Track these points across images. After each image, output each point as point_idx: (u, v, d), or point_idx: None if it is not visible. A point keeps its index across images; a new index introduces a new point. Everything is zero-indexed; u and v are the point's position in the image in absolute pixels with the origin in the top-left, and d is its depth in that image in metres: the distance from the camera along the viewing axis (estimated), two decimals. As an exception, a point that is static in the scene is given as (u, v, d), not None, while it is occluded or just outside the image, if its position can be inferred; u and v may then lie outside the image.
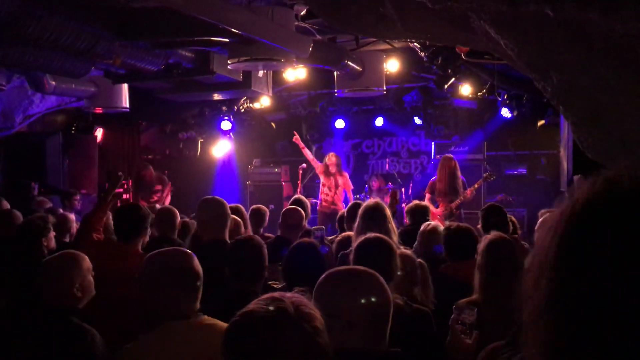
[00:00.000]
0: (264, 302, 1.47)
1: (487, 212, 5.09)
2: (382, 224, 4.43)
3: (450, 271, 4.06)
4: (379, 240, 3.20)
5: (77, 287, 2.87)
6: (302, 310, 1.45)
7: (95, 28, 5.22)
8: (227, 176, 12.45)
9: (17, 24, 4.48)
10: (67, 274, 2.86)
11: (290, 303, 1.45)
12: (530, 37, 2.31)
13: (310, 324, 1.43)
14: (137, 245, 3.91)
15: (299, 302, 1.47)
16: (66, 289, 2.84)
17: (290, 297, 1.50)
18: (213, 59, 6.55)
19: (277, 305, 1.44)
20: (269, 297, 1.49)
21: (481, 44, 3.06)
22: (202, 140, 12.56)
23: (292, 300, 1.47)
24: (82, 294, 2.90)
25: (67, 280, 2.85)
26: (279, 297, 1.49)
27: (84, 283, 2.92)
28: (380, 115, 11.50)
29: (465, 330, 2.39)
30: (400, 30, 3.43)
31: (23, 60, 5.59)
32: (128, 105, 8.30)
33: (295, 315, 1.43)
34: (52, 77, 7.06)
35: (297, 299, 1.49)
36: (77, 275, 2.89)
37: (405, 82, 10.34)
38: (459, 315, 2.42)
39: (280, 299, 1.47)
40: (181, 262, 2.49)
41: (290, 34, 5.65)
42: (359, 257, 3.11)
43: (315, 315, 1.47)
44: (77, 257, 2.97)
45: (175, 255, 2.57)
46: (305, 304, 1.49)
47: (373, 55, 8.06)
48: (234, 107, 11.51)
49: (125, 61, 5.79)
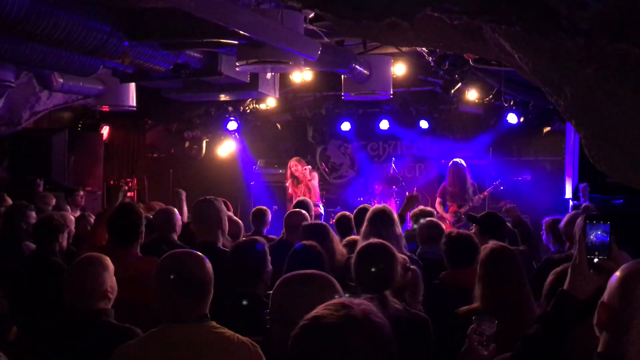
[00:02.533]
0: (334, 307, 1.45)
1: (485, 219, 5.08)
2: (389, 228, 4.45)
3: (450, 278, 4.06)
4: (381, 246, 3.21)
5: (109, 288, 2.90)
6: (371, 317, 1.44)
7: (105, 27, 5.22)
8: (231, 176, 12.44)
9: (27, 23, 4.48)
10: (100, 276, 2.89)
11: (359, 310, 1.44)
12: (545, 53, 2.31)
13: (379, 331, 1.43)
14: (136, 248, 3.90)
15: (368, 310, 1.46)
16: (100, 291, 2.86)
17: (359, 303, 1.48)
18: (221, 61, 6.55)
19: (346, 312, 1.43)
20: (338, 302, 1.48)
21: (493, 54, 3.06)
22: (207, 140, 12.58)
23: (361, 307, 1.46)
24: (112, 294, 2.94)
25: (100, 282, 2.88)
26: (348, 303, 1.47)
27: (113, 284, 2.95)
28: (386, 118, 11.49)
29: (483, 341, 2.38)
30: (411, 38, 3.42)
31: (32, 58, 5.59)
32: (135, 103, 8.30)
33: (364, 322, 1.42)
34: (60, 74, 7.07)
35: (366, 306, 1.47)
36: (108, 277, 2.93)
37: (412, 86, 10.34)
38: (478, 326, 2.40)
39: (349, 305, 1.45)
40: (183, 266, 2.48)
41: (299, 37, 5.65)
42: (359, 262, 3.12)
43: (384, 322, 1.47)
44: (104, 259, 3.00)
45: (180, 259, 2.54)
46: (374, 311, 1.48)
47: (380, 59, 8.05)
48: (239, 107, 11.52)
49: (134, 61, 5.79)
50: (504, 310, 3.03)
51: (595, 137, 2.61)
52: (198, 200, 4.36)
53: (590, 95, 2.36)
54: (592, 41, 1.99)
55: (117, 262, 3.64)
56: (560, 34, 1.98)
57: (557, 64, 2.32)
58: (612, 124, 2.42)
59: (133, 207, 4.10)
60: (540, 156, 11.31)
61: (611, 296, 1.62)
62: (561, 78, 2.41)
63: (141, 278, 3.37)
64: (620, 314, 1.59)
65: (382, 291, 2.93)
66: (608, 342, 1.61)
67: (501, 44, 2.53)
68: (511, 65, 3.33)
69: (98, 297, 2.86)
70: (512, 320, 2.92)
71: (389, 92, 8.18)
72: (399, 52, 8.49)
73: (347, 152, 12.83)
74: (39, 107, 8.36)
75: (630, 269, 1.64)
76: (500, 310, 3.03)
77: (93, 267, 2.92)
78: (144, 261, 3.74)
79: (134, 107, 8.35)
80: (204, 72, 6.67)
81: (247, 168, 12.44)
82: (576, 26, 1.86)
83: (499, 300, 3.14)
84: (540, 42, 2.19)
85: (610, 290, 1.64)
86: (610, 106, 2.35)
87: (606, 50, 2.07)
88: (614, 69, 2.15)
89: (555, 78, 2.44)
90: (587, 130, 2.61)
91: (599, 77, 2.23)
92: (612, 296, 1.62)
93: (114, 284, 2.97)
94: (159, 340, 2.37)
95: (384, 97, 8.48)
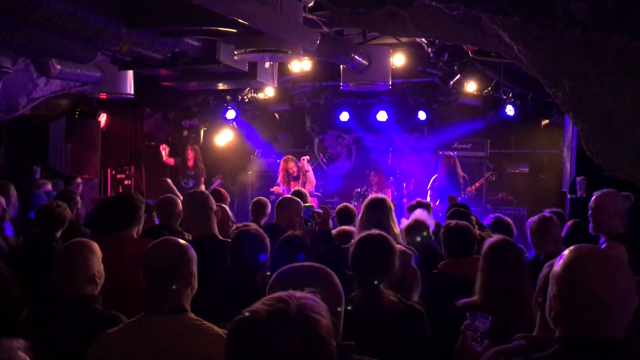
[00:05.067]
0: (269, 302, 1.43)
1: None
2: (385, 217, 4.47)
3: (448, 269, 4.07)
4: (380, 237, 3.20)
5: (96, 273, 2.91)
6: (307, 311, 1.40)
7: (103, 15, 5.18)
8: (229, 165, 12.43)
9: (24, 9, 4.45)
10: (87, 262, 2.89)
11: (295, 304, 1.41)
12: (544, 45, 2.30)
13: (314, 325, 1.39)
14: (130, 232, 3.95)
15: (304, 303, 1.42)
16: (88, 276, 2.87)
17: (299, 297, 1.44)
18: (220, 49, 6.52)
19: (278, 307, 1.40)
20: (276, 297, 1.44)
21: (492, 46, 3.05)
22: (205, 128, 12.55)
23: (298, 301, 1.42)
24: (100, 280, 2.94)
25: (88, 267, 2.88)
26: (285, 296, 1.43)
27: (100, 269, 2.95)
28: (385, 109, 11.47)
29: (477, 337, 2.38)
30: (410, 28, 3.42)
31: (29, 45, 5.56)
32: (132, 91, 8.28)
33: (298, 316, 1.38)
34: (57, 61, 7.03)
35: (304, 300, 1.44)
36: (95, 262, 2.93)
37: (411, 77, 10.32)
38: (472, 322, 2.41)
39: (284, 300, 1.42)
40: (159, 255, 2.47)
41: (298, 27, 5.62)
42: (358, 253, 3.12)
43: (321, 316, 1.42)
44: (90, 244, 3.00)
45: (157, 248, 2.52)
46: (311, 305, 1.43)
47: (379, 50, 8.02)
48: (238, 96, 11.49)
49: (132, 48, 5.76)
50: (502, 304, 3.04)
51: (593, 130, 2.60)
52: (189, 192, 4.37)
53: (588, 88, 2.35)
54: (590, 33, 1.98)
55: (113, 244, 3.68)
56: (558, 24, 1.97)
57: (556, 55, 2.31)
58: (610, 117, 2.42)
59: (131, 195, 4.16)
60: (538, 149, 11.31)
61: (560, 288, 1.79)
62: (559, 70, 2.41)
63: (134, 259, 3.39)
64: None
65: (377, 282, 2.94)
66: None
67: (500, 35, 2.51)
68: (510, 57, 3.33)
69: (85, 281, 2.86)
70: (511, 313, 2.92)
71: (388, 82, 8.16)
72: (398, 42, 8.46)
73: (345, 142, 12.82)
74: (36, 93, 8.32)
75: (575, 256, 1.82)
76: (499, 304, 3.04)
77: (80, 251, 2.92)
78: (138, 243, 3.77)
79: (132, 94, 8.33)
80: (203, 60, 6.64)
81: (245, 157, 12.43)
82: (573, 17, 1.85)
83: (499, 293, 3.15)
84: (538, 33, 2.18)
85: (557, 281, 1.80)
86: (608, 99, 2.35)
87: (604, 42, 2.06)
88: (612, 61, 2.14)
89: (554, 70, 2.43)
90: (584, 123, 2.60)
91: (597, 70, 2.22)
92: (561, 288, 1.79)
93: (102, 269, 2.97)
94: (136, 330, 2.38)
95: (382, 87, 8.46)
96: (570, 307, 1.77)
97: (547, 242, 4.31)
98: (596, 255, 1.81)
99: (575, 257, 1.81)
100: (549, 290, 1.86)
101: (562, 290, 1.78)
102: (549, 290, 1.85)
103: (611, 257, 1.83)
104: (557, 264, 1.83)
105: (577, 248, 1.85)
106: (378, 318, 2.71)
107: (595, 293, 1.72)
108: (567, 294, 1.77)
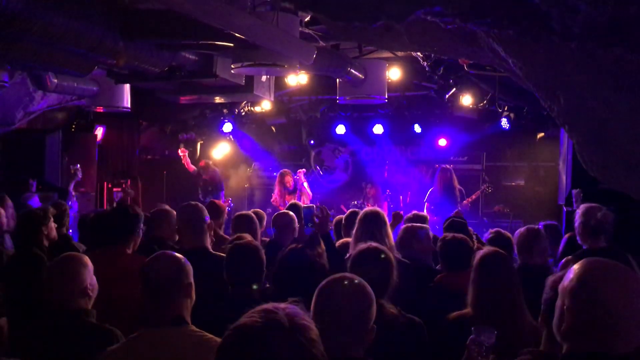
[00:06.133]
0: (257, 315, 1.45)
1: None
2: (380, 231, 4.45)
3: (445, 282, 4.06)
4: (376, 251, 3.19)
5: (89, 286, 2.88)
6: (296, 321, 1.44)
7: (100, 28, 5.20)
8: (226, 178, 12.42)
9: (21, 22, 4.47)
10: (79, 274, 2.86)
11: (284, 314, 1.44)
12: (539, 58, 2.32)
13: (304, 336, 1.42)
14: (125, 247, 3.87)
15: (293, 314, 1.46)
16: (80, 289, 2.84)
17: (284, 308, 1.48)
18: (216, 63, 6.54)
19: (270, 317, 1.43)
20: (262, 309, 1.47)
21: (487, 59, 3.07)
22: (202, 142, 12.56)
23: (286, 312, 1.45)
24: (93, 293, 2.91)
25: (80, 280, 2.85)
26: (272, 308, 1.47)
27: (92, 282, 2.93)
28: (380, 123, 11.51)
29: (482, 352, 2.37)
30: (405, 42, 3.44)
31: (25, 58, 5.57)
32: (129, 105, 8.28)
33: (288, 326, 1.42)
34: (54, 74, 7.04)
35: (291, 310, 1.47)
36: (87, 275, 2.90)
37: (407, 90, 10.36)
38: (478, 337, 2.39)
39: (273, 311, 1.45)
40: (156, 269, 2.48)
41: (295, 41, 5.64)
42: (354, 267, 3.10)
43: (310, 326, 1.46)
44: (81, 257, 2.98)
45: (154, 262, 2.53)
46: (299, 315, 1.47)
47: (375, 63, 8.07)
48: (234, 109, 11.51)
49: (129, 62, 5.78)
50: (494, 316, 3.02)
51: (588, 142, 2.61)
52: (183, 205, 4.32)
53: (584, 101, 2.36)
54: (585, 46, 1.99)
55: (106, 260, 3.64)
56: (553, 38, 1.98)
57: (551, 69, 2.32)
58: (605, 130, 2.43)
59: (127, 207, 4.10)
60: (534, 162, 11.34)
61: (574, 301, 1.75)
62: (555, 83, 2.42)
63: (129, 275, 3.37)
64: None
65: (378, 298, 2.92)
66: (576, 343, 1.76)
67: (495, 49, 2.53)
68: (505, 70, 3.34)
69: (78, 295, 2.83)
70: (504, 326, 2.91)
71: (384, 96, 8.19)
72: (394, 56, 8.51)
73: (342, 155, 12.84)
74: (32, 107, 8.32)
75: (589, 269, 1.77)
76: (491, 315, 3.02)
77: (71, 265, 2.89)
78: (132, 259, 3.73)
79: (129, 108, 8.33)
80: (199, 74, 6.66)
81: (242, 170, 12.43)
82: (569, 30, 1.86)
83: (490, 306, 3.13)
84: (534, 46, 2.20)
85: (571, 295, 1.76)
86: (603, 112, 2.36)
87: (599, 55, 2.07)
88: (608, 74, 2.16)
89: (549, 83, 2.45)
90: (580, 136, 2.61)
91: (592, 83, 2.23)
92: (575, 301, 1.74)
93: (94, 281, 2.94)
94: (138, 344, 2.37)
95: (378, 101, 8.50)
96: (584, 321, 1.73)
97: (533, 254, 4.32)
98: (613, 269, 1.77)
99: (590, 270, 1.77)
100: (558, 303, 1.82)
101: (576, 303, 1.74)
102: (559, 303, 1.81)
103: (627, 270, 1.80)
104: (569, 278, 1.78)
105: (591, 261, 1.80)
106: (378, 330, 2.70)
107: (612, 307, 1.69)
108: (582, 307, 1.73)
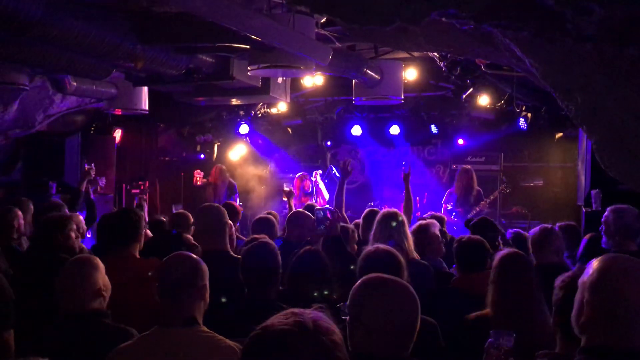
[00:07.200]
0: (283, 317, 1.49)
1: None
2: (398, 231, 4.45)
3: (461, 284, 4.05)
4: (384, 254, 3.19)
5: (102, 287, 2.91)
6: (321, 324, 1.48)
7: (118, 32, 5.27)
8: (242, 180, 12.47)
9: (41, 28, 4.53)
10: (92, 276, 2.89)
11: (309, 318, 1.48)
12: (555, 58, 2.31)
13: (328, 338, 1.46)
14: (132, 250, 3.87)
15: (317, 317, 1.50)
16: (93, 290, 2.87)
17: (309, 312, 1.53)
18: (233, 65, 6.58)
19: (295, 320, 1.47)
20: (289, 312, 1.52)
21: (504, 59, 3.06)
22: (219, 143, 12.62)
23: (311, 316, 1.50)
24: (107, 293, 2.94)
25: (92, 281, 2.88)
26: (298, 312, 1.52)
27: (105, 283, 2.96)
28: (397, 123, 11.47)
29: (501, 355, 2.36)
30: (422, 42, 3.44)
31: (46, 62, 5.65)
32: (147, 107, 8.35)
33: (313, 329, 1.45)
34: (73, 78, 7.13)
35: (316, 314, 1.52)
36: (100, 276, 2.93)
37: (423, 90, 10.33)
38: (496, 340, 2.38)
39: (299, 314, 1.50)
40: (179, 270, 2.51)
41: (311, 42, 5.66)
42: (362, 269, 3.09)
43: (334, 329, 1.50)
44: (93, 259, 3.01)
45: (177, 262, 2.57)
46: (324, 319, 1.52)
47: (391, 64, 8.05)
48: (251, 111, 11.56)
49: (146, 65, 5.84)
50: (514, 317, 3.01)
51: (607, 143, 2.59)
52: (202, 206, 4.34)
53: (601, 101, 2.35)
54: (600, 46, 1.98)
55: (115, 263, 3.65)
56: (567, 39, 1.97)
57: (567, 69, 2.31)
58: (623, 130, 2.41)
59: (129, 210, 4.13)
60: (552, 162, 11.25)
61: (595, 295, 1.76)
62: (571, 84, 2.41)
63: (139, 279, 3.40)
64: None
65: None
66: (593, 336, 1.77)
67: (512, 49, 2.52)
68: (522, 70, 3.33)
69: (92, 297, 2.86)
70: (522, 328, 2.90)
71: (400, 96, 8.17)
72: (410, 57, 8.48)
73: (358, 156, 12.83)
74: (52, 110, 8.42)
75: (610, 264, 1.78)
76: (510, 317, 3.01)
77: (83, 268, 2.92)
78: (141, 262, 3.76)
79: (147, 110, 8.40)
80: (216, 76, 6.71)
81: (259, 171, 12.47)
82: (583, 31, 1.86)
83: (509, 307, 3.12)
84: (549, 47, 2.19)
85: (591, 288, 1.78)
86: (621, 112, 2.34)
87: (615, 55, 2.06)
88: (624, 74, 2.14)
89: (566, 84, 2.44)
90: (597, 136, 2.59)
91: (609, 83, 2.22)
92: (596, 295, 1.76)
93: (107, 282, 2.96)
94: (149, 343, 2.41)
95: (395, 101, 8.48)
96: (604, 315, 1.74)
97: (547, 252, 4.30)
98: (633, 264, 1.78)
99: (611, 265, 1.78)
100: (577, 297, 1.83)
101: (596, 297, 1.76)
102: (579, 297, 1.82)
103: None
104: (589, 273, 1.81)
105: (612, 257, 1.83)
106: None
107: (632, 302, 1.70)
108: (603, 301, 1.75)
